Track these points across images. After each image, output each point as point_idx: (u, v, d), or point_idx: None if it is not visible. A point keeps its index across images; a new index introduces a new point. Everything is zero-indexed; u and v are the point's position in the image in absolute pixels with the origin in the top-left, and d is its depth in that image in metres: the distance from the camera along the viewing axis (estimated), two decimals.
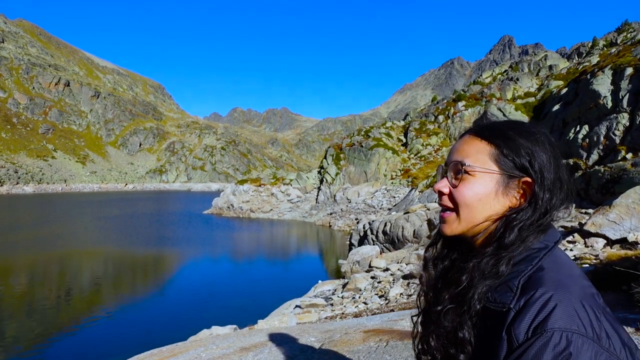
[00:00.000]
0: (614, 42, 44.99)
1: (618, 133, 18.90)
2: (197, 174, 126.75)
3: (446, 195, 1.02)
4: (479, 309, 0.92)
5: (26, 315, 13.07)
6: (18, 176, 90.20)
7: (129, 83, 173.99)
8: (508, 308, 0.86)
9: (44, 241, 25.31)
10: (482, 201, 0.97)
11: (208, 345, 3.37)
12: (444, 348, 0.99)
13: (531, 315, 0.82)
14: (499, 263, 0.92)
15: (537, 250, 0.93)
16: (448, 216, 1.02)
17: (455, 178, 1.00)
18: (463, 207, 0.98)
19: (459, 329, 0.94)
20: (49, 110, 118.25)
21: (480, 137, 1.01)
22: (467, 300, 0.94)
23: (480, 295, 0.92)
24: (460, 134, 1.09)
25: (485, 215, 0.98)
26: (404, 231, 17.11)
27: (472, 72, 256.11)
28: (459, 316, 0.95)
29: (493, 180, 0.97)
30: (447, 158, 1.06)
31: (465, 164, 0.98)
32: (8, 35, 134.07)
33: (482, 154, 0.99)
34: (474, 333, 0.93)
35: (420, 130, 47.30)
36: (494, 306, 0.89)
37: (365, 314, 7.39)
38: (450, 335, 0.97)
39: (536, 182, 0.96)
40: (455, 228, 1.01)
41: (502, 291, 0.89)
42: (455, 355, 0.96)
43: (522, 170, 0.97)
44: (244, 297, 14.84)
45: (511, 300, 0.86)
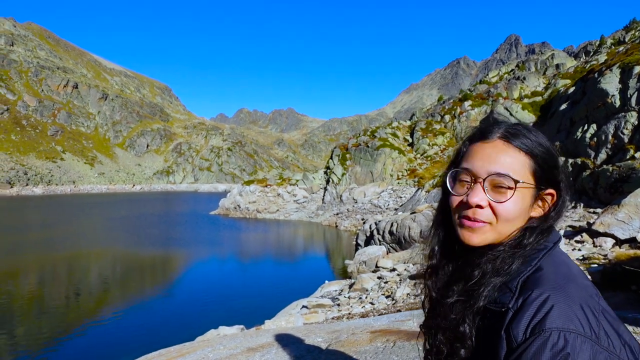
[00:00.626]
0: (621, 40, 44.54)
1: (626, 132, 18.71)
2: (203, 175, 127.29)
3: (484, 210, 0.96)
4: (481, 306, 0.93)
5: (35, 315, 13.20)
6: (27, 178, 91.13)
7: (136, 85, 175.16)
8: (507, 308, 0.86)
9: (53, 242, 25.55)
10: (520, 216, 0.96)
11: (215, 345, 3.39)
12: (449, 342, 0.99)
13: (529, 315, 0.82)
14: (513, 262, 0.93)
15: (536, 251, 0.94)
16: (481, 227, 0.96)
17: (496, 191, 0.95)
18: (504, 222, 0.95)
19: (461, 324, 0.95)
20: (57, 112, 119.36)
21: (517, 146, 0.97)
22: (475, 295, 0.94)
23: (489, 291, 0.92)
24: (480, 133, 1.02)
25: (517, 227, 0.97)
26: (411, 231, 17.07)
27: (479, 71, 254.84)
28: (462, 311, 0.96)
29: (529, 194, 0.96)
30: (477, 166, 0.97)
31: (516, 180, 0.94)
32: (17, 38, 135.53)
33: (525, 168, 0.96)
34: (474, 329, 0.94)
35: (426, 130, 47.15)
36: (494, 306, 0.90)
37: (372, 314, 7.39)
38: (454, 329, 0.97)
39: (562, 194, 0.99)
40: (486, 239, 0.97)
41: (502, 291, 0.90)
42: (457, 349, 0.96)
43: (550, 183, 0.98)
44: (251, 298, 14.88)
45: (510, 300, 0.87)
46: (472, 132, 1.06)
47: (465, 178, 0.99)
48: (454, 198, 1.00)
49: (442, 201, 1.11)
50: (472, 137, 1.05)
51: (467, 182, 0.99)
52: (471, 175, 0.98)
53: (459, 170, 1.01)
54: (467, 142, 1.05)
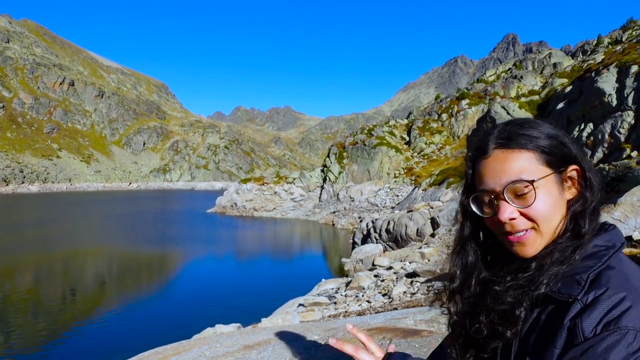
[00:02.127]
0: (619, 39, 44.72)
1: (623, 131, 18.79)
2: (200, 173, 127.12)
3: (518, 219, 0.94)
4: (541, 294, 0.90)
5: (32, 313, 13.15)
6: (23, 175, 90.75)
7: (132, 82, 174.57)
8: (574, 299, 0.84)
9: (49, 240, 25.45)
10: (555, 207, 0.95)
11: (212, 343, 3.38)
12: (492, 325, 0.97)
13: (602, 310, 0.79)
14: (574, 252, 0.91)
15: (605, 248, 0.91)
16: (527, 237, 0.94)
17: (519, 198, 0.94)
18: (543, 222, 0.94)
19: (517, 307, 0.93)
20: (53, 109, 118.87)
21: (515, 147, 0.96)
22: (535, 281, 0.91)
23: (550, 279, 0.90)
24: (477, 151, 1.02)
25: (560, 219, 0.95)
26: (407, 229, 17.10)
27: (476, 70, 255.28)
28: (521, 295, 0.93)
29: (553, 182, 0.95)
30: (491, 184, 0.96)
31: (531, 179, 0.93)
32: (13, 35, 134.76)
33: (532, 163, 0.95)
34: (527, 314, 0.92)
35: (423, 128, 47.22)
36: (558, 295, 0.87)
37: (368, 312, 7.40)
38: (505, 314, 0.95)
39: (582, 165, 0.97)
40: (540, 245, 0.95)
41: (567, 283, 0.87)
42: (502, 332, 0.94)
43: (566, 161, 0.96)
44: (247, 296, 14.87)
45: (578, 292, 0.84)
46: (469, 150, 1.06)
47: (487, 199, 0.98)
48: (489, 220, 1.00)
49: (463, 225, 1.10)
50: (472, 157, 1.04)
51: (490, 201, 0.98)
52: (490, 194, 0.97)
53: (479, 194, 1.00)
54: (469, 163, 1.04)
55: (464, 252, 1.10)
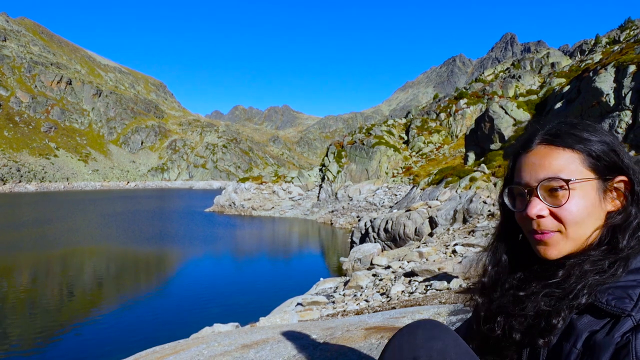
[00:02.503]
0: (616, 39, 44.82)
1: (620, 131, 18.84)
2: (198, 172, 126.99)
3: (546, 219, 0.91)
4: (584, 303, 0.85)
5: (29, 312, 13.12)
6: (20, 174, 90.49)
7: (130, 81, 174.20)
8: (628, 314, 0.79)
9: (47, 239, 25.39)
10: (590, 214, 0.90)
11: (210, 342, 3.38)
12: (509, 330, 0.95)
13: None
14: (615, 264, 0.86)
15: None
16: (551, 237, 0.91)
17: (552, 196, 0.91)
18: (572, 226, 0.90)
19: (554, 316, 0.88)
20: (51, 108, 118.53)
21: (560, 145, 0.93)
22: (574, 290, 0.87)
23: (590, 288, 0.85)
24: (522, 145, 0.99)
25: (593, 228, 0.91)
26: (406, 229, 17.12)
27: (474, 69, 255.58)
28: (555, 303, 0.89)
29: (593, 188, 0.90)
30: (527, 177, 0.94)
31: (567, 179, 0.89)
32: (10, 33, 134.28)
33: (574, 164, 0.91)
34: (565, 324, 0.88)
35: (421, 128, 47.27)
36: (607, 307, 0.82)
37: (366, 311, 7.40)
38: (534, 321, 0.91)
39: (632, 178, 0.91)
40: (563, 248, 0.91)
41: (617, 296, 0.82)
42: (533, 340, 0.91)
43: (615, 170, 0.92)
44: (245, 295, 14.87)
45: (631, 308, 0.79)
46: (514, 145, 1.03)
47: (521, 192, 0.96)
48: (518, 215, 0.97)
49: (501, 220, 1.07)
50: (515, 151, 1.02)
51: (523, 196, 0.95)
52: (524, 188, 0.95)
53: (513, 187, 0.98)
54: (511, 157, 1.03)
55: (498, 249, 1.07)
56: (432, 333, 0.95)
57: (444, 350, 0.91)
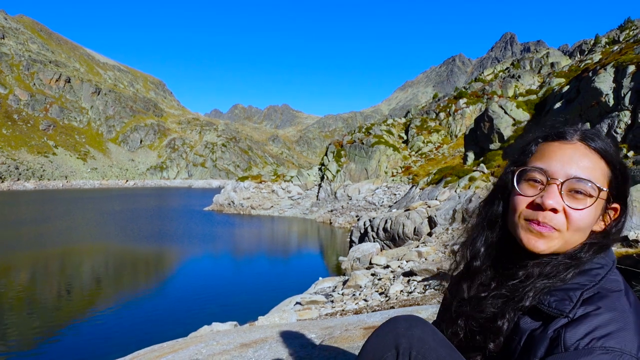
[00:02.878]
0: (616, 39, 44.85)
1: (620, 131, 18.85)
2: (197, 171, 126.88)
3: (558, 215, 0.89)
4: (528, 306, 0.87)
5: (27, 311, 13.10)
6: (19, 172, 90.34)
7: (129, 79, 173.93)
8: (565, 316, 0.81)
9: (45, 237, 25.36)
10: (590, 226, 0.90)
11: (208, 341, 3.37)
12: (471, 333, 0.95)
13: (589, 327, 0.78)
14: (567, 271, 0.87)
15: (599, 266, 0.88)
16: (550, 233, 0.89)
17: (571, 196, 0.88)
18: (574, 232, 0.89)
19: (499, 318, 0.90)
20: (49, 106, 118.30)
21: (600, 153, 0.91)
22: (520, 293, 0.89)
23: (536, 292, 0.87)
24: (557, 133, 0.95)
25: (583, 239, 0.91)
26: (405, 228, 17.11)
27: (474, 69, 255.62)
28: (501, 306, 0.91)
29: (600, 205, 0.90)
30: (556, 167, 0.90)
31: (599, 187, 0.88)
32: (9, 31, 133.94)
33: (604, 177, 0.90)
34: (511, 326, 0.89)
35: (421, 127, 47.26)
36: (547, 310, 0.84)
37: (365, 310, 7.40)
38: (486, 323, 0.92)
39: (624, 208, 0.93)
40: (553, 246, 0.90)
41: (559, 298, 0.84)
42: (484, 345, 0.92)
43: (619, 194, 0.92)
44: (244, 294, 14.86)
45: (570, 309, 0.82)
46: (545, 131, 0.98)
47: (538, 178, 0.91)
48: (521, 199, 0.92)
49: (497, 202, 1.03)
50: (546, 136, 0.97)
51: (539, 183, 0.91)
52: (547, 176, 0.90)
53: (530, 169, 0.93)
54: (539, 139, 0.98)
55: (491, 230, 1.02)
56: (412, 323, 0.98)
57: (423, 337, 0.94)
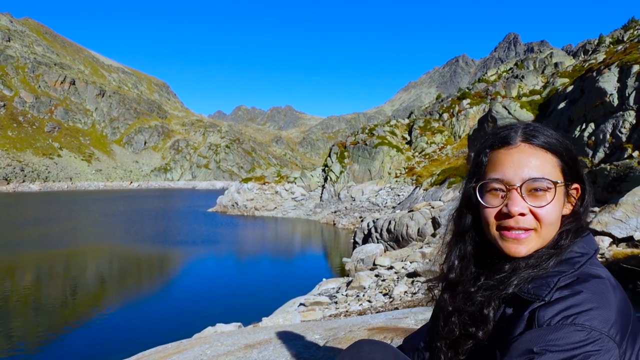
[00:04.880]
0: (620, 39, 44.63)
1: (624, 131, 18.75)
2: (201, 172, 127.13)
3: (527, 217, 0.92)
4: (510, 293, 0.91)
5: (32, 311, 13.17)
6: (24, 174, 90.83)
7: (133, 81, 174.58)
8: (542, 299, 0.85)
9: (50, 238, 25.47)
10: (558, 217, 0.94)
11: (213, 342, 3.38)
12: (464, 326, 0.99)
13: (562, 306, 0.81)
14: (549, 259, 0.91)
15: (579, 255, 0.92)
16: (526, 236, 0.93)
17: (533, 196, 0.92)
18: (547, 226, 0.93)
19: (486, 307, 0.94)
20: (54, 108, 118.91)
21: (544, 148, 0.95)
22: (505, 282, 0.92)
23: (520, 280, 0.90)
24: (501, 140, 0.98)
25: (557, 229, 0.95)
26: (409, 229, 17.08)
27: (477, 69, 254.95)
28: (490, 295, 0.95)
29: (562, 192, 0.95)
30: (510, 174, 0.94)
31: (555, 181, 0.92)
32: (14, 34, 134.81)
33: (555, 167, 0.94)
34: (497, 314, 0.94)
35: (424, 128, 47.18)
36: (526, 296, 0.88)
37: (369, 312, 7.39)
38: (475, 314, 0.96)
39: (585, 186, 0.98)
40: (533, 247, 0.93)
41: (537, 285, 0.88)
42: (474, 333, 0.96)
43: (574, 178, 0.97)
44: (248, 295, 14.88)
45: (546, 294, 0.85)
46: (490, 140, 1.01)
47: (497, 187, 0.95)
48: (489, 211, 0.96)
49: (464, 215, 1.07)
50: (492, 145, 1.00)
51: (499, 192, 0.95)
52: (504, 184, 0.94)
53: (488, 181, 0.96)
54: (487, 150, 1.00)
55: (462, 243, 1.08)
56: (375, 347, 1.09)
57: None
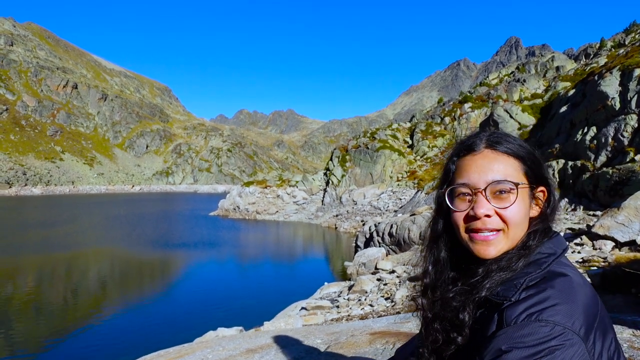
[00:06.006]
0: (621, 43, 44.61)
1: (626, 134, 18.72)
2: (203, 176, 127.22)
3: (493, 218, 0.97)
4: (482, 297, 0.95)
5: (34, 315, 13.17)
6: (26, 178, 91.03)
7: (136, 85, 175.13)
8: (509, 300, 0.89)
9: (52, 242, 25.50)
10: (525, 217, 0.99)
11: (214, 346, 3.38)
12: (445, 330, 1.01)
13: (528, 304, 0.84)
14: (518, 260, 0.95)
15: (546, 255, 0.95)
16: (494, 238, 0.97)
17: (497, 198, 0.97)
18: (514, 227, 0.97)
19: (461, 311, 0.98)
20: (57, 112, 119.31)
21: (505, 152, 1.00)
22: (478, 287, 0.96)
23: (492, 284, 0.94)
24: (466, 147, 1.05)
25: (524, 230, 0.99)
26: (410, 233, 17.05)
27: (479, 73, 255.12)
28: (464, 300, 0.98)
29: (526, 194, 0.99)
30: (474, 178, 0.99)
31: (516, 182, 0.97)
32: (17, 38, 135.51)
33: (517, 171, 0.99)
34: (472, 318, 0.97)
35: (426, 132, 47.17)
36: (496, 298, 0.92)
37: (371, 316, 7.38)
38: (453, 319, 0.99)
39: (550, 189, 1.02)
40: (502, 248, 0.98)
41: (506, 287, 0.92)
42: (454, 339, 0.99)
43: (539, 180, 1.01)
44: (250, 299, 14.85)
45: (513, 294, 0.89)
46: (456, 148, 1.09)
47: (464, 192, 1.01)
48: (458, 215, 1.01)
49: (437, 220, 1.12)
50: (458, 153, 1.07)
51: (466, 196, 1.01)
52: (470, 188, 1.00)
53: (456, 186, 1.03)
54: (454, 158, 1.08)
55: (436, 248, 1.13)
56: None
57: None
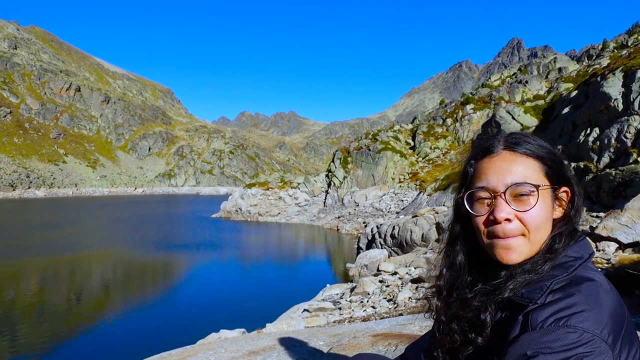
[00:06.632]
0: (624, 44, 44.52)
1: (629, 136, 18.66)
2: (205, 178, 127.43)
3: (513, 222, 0.94)
4: (505, 298, 0.92)
5: (37, 317, 13.19)
6: (30, 180, 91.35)
7: (138, 88, 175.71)
8: (535, 302, 0.86)
9: (55, 244, 25.56)
10: (548, 220, 0.96)
11: (217, 348, 3.38)
12: (463, 331, 0.99)
13: (555, 309, 0.82)
14: (544, 264, 0.92)
15: (573, 259, 0.93)
16: (516, 242, 0.94)
17: (518, 201, 0.94)
18: (535, 231, 0.94)
19: (483, 312, 0.95)
20: (60, 115, 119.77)
21: (524, 152, 0.97)
22: (501, 287, 0.94)
23: (516, 285, 0.92)
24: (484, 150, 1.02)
25: (548, 233, 0.96)
26: (413, 235, 17.03)
27: (481, 75, 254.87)
28: (486, 300, 0.96)
29: (549, 195, 0.96)
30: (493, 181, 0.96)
31: (536, 184, 0.94)
32: (21, 41, 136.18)
33: (537, 171, 0.96)
34: (494, 319, 0.95)
35: (428, 133, 47.14)
36: (520, 300, 0.89)
37: (373, 318, 7.37)
38: (473, 319, 0.97)
39: (574, 189, 0.99)
40: (524, 253, 0.95)
41: (531, 289, 0.89)
42: (474, 340, 0.97)
43: (562, 180, 0.99)
44: (252, 301, 14.84)
45: (539, 297, 0.87)
46: (474, 151, 1.06)
47: (484, 196, 0.98)
48: (478, 219, 0.99)
49: (455, 224, 1.10)
50: (475, 156, 1.04)
51: (486, 199, 0.98)
52: (489, 192, 0.97)
53: (474, 190, 1.00)
54: (471, 161, 1.05)
55: (452, 251, 1.10)
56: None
57: None
